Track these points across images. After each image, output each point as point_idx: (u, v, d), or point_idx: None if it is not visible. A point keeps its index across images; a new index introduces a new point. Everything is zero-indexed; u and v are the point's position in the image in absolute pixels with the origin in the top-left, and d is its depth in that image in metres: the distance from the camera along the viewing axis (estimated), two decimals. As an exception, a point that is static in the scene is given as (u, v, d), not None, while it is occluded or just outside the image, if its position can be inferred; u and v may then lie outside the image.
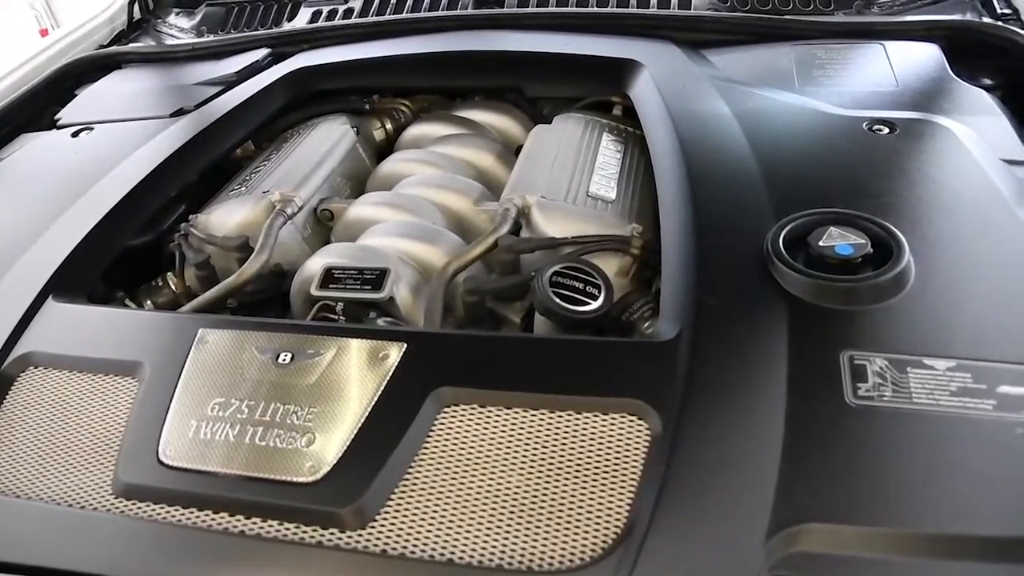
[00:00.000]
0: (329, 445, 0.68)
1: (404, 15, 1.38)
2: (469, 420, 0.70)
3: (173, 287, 1.01)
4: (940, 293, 0.75)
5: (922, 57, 1.13)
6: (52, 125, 1.29)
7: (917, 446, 0.63)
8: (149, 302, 1.01)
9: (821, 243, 0.78)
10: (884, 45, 1.17)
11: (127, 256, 1.04)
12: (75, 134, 1.23)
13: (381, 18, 1.37)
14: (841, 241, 0.79)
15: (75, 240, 0.96)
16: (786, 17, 1.22)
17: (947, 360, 0.68)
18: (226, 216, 1.03)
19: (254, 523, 0.66)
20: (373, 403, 0.71)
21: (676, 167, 0.93)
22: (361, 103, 1.29)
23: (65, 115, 1.30)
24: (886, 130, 0.97)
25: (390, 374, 0.73)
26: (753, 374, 0.70)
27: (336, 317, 0.90)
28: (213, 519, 0.66)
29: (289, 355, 0.76)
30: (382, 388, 0.72)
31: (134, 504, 0.69)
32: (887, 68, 1.11)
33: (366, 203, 1.04)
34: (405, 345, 0.75)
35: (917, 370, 0.68)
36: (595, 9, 1.31)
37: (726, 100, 1.04)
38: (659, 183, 0.93)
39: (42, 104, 1.35)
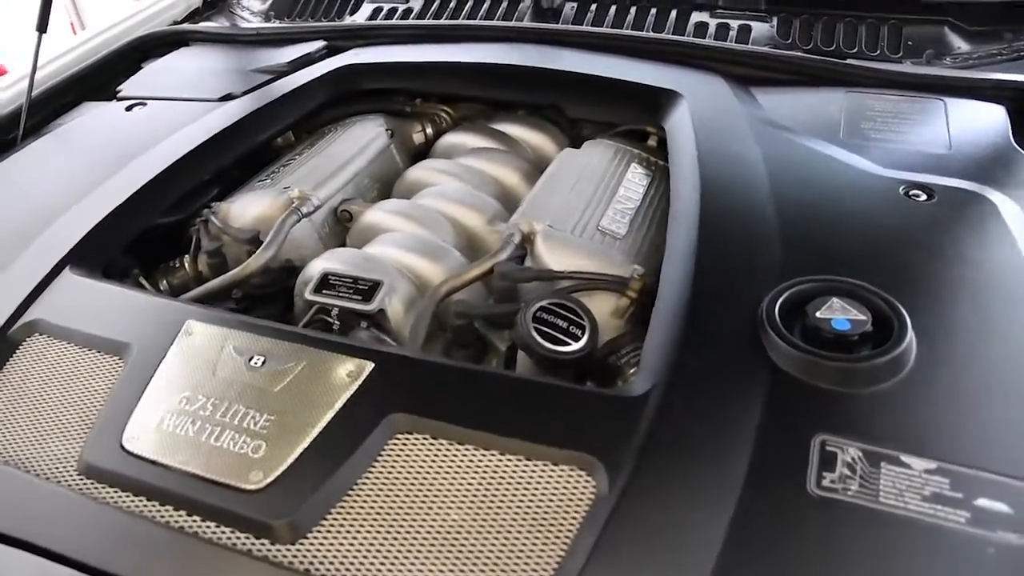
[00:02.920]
0: (277, 456, 0.69)
1: (460, 21, 1.37)
2: (418, 451, 0.70)
3: (187, 270, 1.04)
4: (938, 385, 0.71)
5: (983, 119, 1.06)
6: (113, 96, 1.34)
7: (875, 549, 0.60)
8: (165, 282, 1.05)
9: (819, 314, 0.75)
10: (945, 101, 1.10)
11: (154, 234, 1.08)
12: (129, 108, 1.28)
13: (437, 22, 1.38)
14: (841, 315, 0.75)
15: (101, 214, 1.00)
16: (844, 62, 1.16)
17: (927, 460, 0.64)
18: (244, 207, 1.06)
19: (194, 522, 0.67)
20: (328, 420, 0.71)
21: (691, 211, 0.90)
22: (403, 105, 1.30)
23: (126, 88, 1.36)
24: (924, 196, 0.92)
25: (351, 393, 0.73)
26: (716, 446, 0.68)
27: (332, 322, 0.92)
28: (158, 511, 0.68)
29: (262, 359, 0.77)
30: (341, 406, 0.72)
31: (92, 484, 0.71)
32: (943, 127, 1.05)
33: (381, 210, 1.05)
34: (373, 365, 0.75)
35: (891, 467, 0.64)
36: (648, 34, 1.27)
37: (761, 144, 1.00)
38: (670, 226, 0.90)
39: (109, 75, 1.41)
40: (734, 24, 1.27)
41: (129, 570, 0.64)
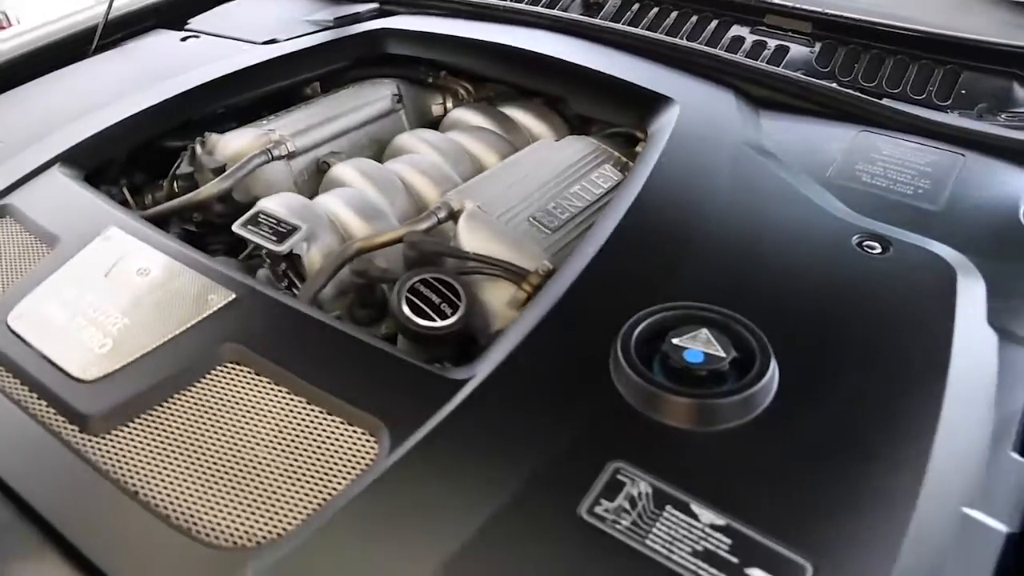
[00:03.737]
0: (115, 357, 0.74)
1: (507, 3, 1.37)
2: (237, 381, 0.72)
3: (164, 190, 1.12)
4: (778, 440, 0.65)
5: (998, 182, 0.94)
6: (182, 27, 1.46)
7: None
8: (150, 197, 1.13)
9: (676, 341, 0.70)
10: (965, 157, 0.98)
11: (159, 154, 1.17)
12: (184, 39, 1.38)
13: (486, 0, 1.38)
14: (701, 347, 0.70)
15: (105, 124, 1.10)
16: (865, 97, 1.07)
17: (720, 516, 0.59)
18: (228, 142, 1.12)
19: (32, 397, 0.73)
20: (172, 336, 0.75)
21: (614, 218, 0.86)
22: (426, 76, 1.32)
23: (193, 22, 1.47)
24: (878, 249, 0.83)
25: (203, 316, 0.77)
26: (507, 444, 0.66)
27: (264, 260, 0.96)
28: (9, 381, 0.75)
29: (148, 272, 0.82)
30: (189, 325, 0.76)
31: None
32: (945, 183, 0.94)
33: (349, 165, 1.08)
34: (234, 296, 0.78)
35: (676, 512, 0.60)
36: (677, 40, 1.22)
37: (730, 165, 0.94)
38: (591, 230, 0.87)
39: (186, 9, 1.52)
40: (771, 43, 1.19)
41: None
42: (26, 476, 0.67)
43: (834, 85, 1.11)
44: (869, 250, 0.83)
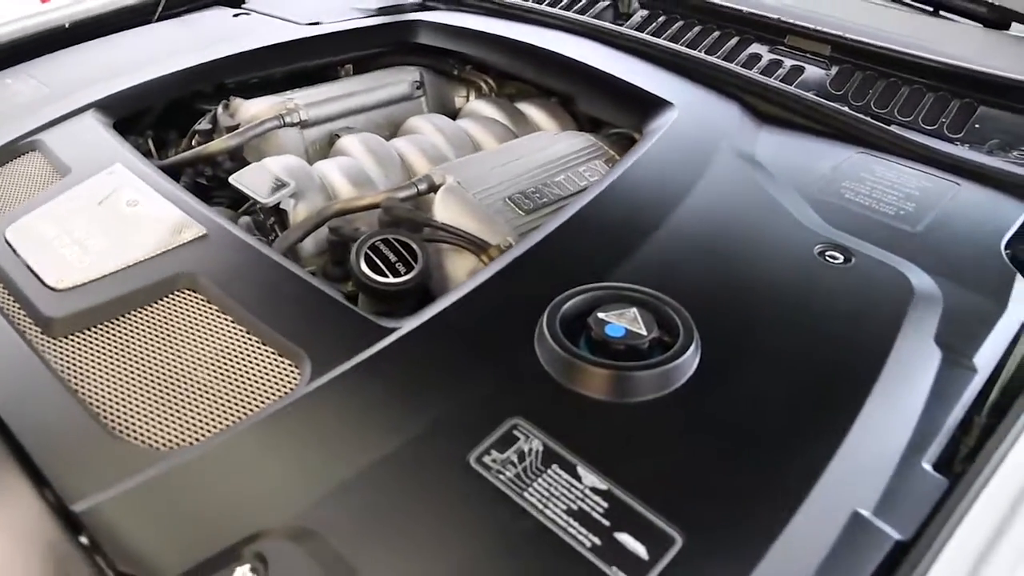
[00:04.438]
0: (87, 271, 0.80)
1: (539, 7, 1.41)
2: (188, 304, 0.78)
3: (183, 144, 1.19)
4: (680, 420, 0.65)
5: (985, 212, 0.92)
6: (240, 4, 1.55)
7: (469, 530, 0.57)
8: (173, 152, 1.21)
9: (601, 315, 0.71)
10: (960, 186, 0.96)
11: (189, 113, 1.25)
12: (236, 15, 1.47)
13: (524, 3, 1.43)
14: (625, 323, 0.71)
15: (141, 80, 1.18)
16: (868, 120, 1.06)
17: (603, 481, 0.60)
18: (249, 107, 1.19)
19: (11, 300, 0.79)
20: (140, 259, 0.81)
21: (580, 203, 0.88)
22: (452, 68, 1.37)
23: (251, 1, 1.56)
24: (840, 259, 0.82)
25: (173, 246, 0.82)
26: (418, 388, 0.68)
27: (259, 214, 1.02)
28: (2, 290, 0.81)
29: (137, 203, 0.88)
30: (158, 253, 0.81)
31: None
32: (930, 207, 0.92)
33: (354, 138, 1.13)
34: (205, 231, 0.84)
35: (560, 472, 0.61)
36: (690, 51, 1.23)
37: (710, 168, 0.95)
38: (558, 212, 0.89)
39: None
40: (787, 63, 1.19)
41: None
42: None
43: (842, 107, 1.10)
44: (831, 260, 0.82)
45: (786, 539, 0.57)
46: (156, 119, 1.22)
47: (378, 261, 0.84)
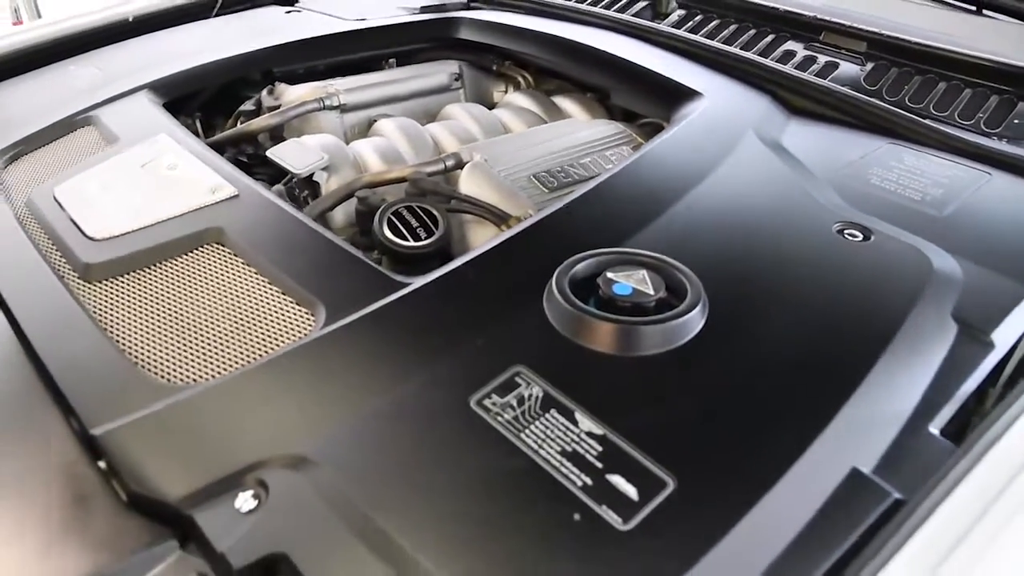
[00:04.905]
0: (124, 223, 0.84)
1: (579, 5, 1.44)
2: (215, 257, 0.81)
3: (228, 124, 1.24)
4: (682, 375, 0.66)
5: (1010, 199, 0.90)
6: (293, 2, 1.62)
7: (468, 466, 0.58)
8: (220, 132, 1.26)
9: (610, 274, 0.72)
10: (991, 176, 0.95)
11: (236, 99, 1.31)
12: (288, 12, 1.53)
13: (564, 2, 1.46)
14: (633, 284, 0.72)
15: (192, 65, 1.24)
16: (901, 112, 1.05)
17: (600, 426, 0.61)
18: (292, 90, 1.24)
19: (55, 250, 0.84)
20: (172, 216, 0.85)
21: (601, 178, 0.90)
22: (490, 63, 1.40)
23: (304, 0, 1.63)
24: (859, 237, 0.82)
25: (205, 204, 0.86)
26: (430, 337, 0.70)
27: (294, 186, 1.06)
28: (41, 236, 0.86)
29: (177, 167, 0.93)
30: (190, 210, 0.85)
31: (28, 214, 0.91)
32: (958, 194, 0.91)
33: (390, 121, 1.16)
34: (237, 193, 0.87)
35: (558, 416, 0.62)
36: (724, 46, 1.24)
37: (734, 151, 0.96)
38: (579, 187, 0.91)
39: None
40: (821, 59, 1.19)
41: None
42: (29, 307, 0.77)
43: (867, 97, 1.09)
44: (850, 237, 0.82)
45: (780, 490, 0.57)
46: (204, 103, 1.27)
47: (400, 226, 0.87)
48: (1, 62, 1.31)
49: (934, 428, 0.63)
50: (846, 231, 0.83)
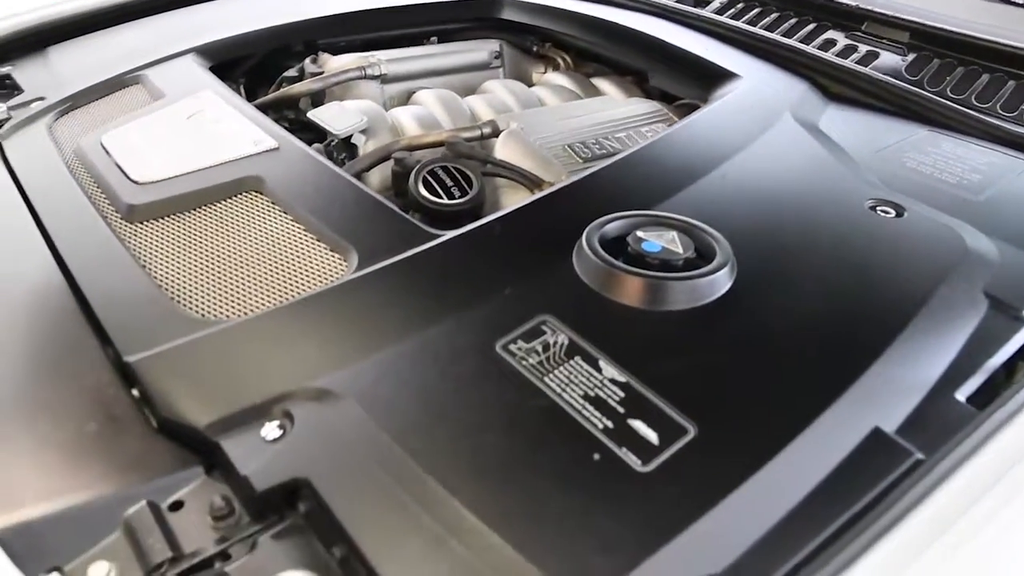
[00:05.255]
0: (166, 170, 0.87)
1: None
2: (253, 204, 0.83)
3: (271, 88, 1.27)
4: (707, 330, 0.66)
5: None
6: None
7: (492, 408, 0.59)
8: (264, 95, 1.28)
9: (641, 233, 0.73)
10: (1032, 164, 0.94)
11: (279, 68, 1.33)
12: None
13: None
14: (663, 243, 0.72)
15: (240, 31, 1.27)
16: (950, 104, 1.04)
17: (624, 374, 0.61)
18: (335, 60, 1.26)
19: (101, 194, 0.87)
20: (213, 164, 0.87)
21: (634, 148, 0.91)
22: (531, 44, 1.41)
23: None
24: (892, 213, 0.82)
25: (247, 154, 0.88)
26: (459, 285, 0.71)
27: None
28: (88, 180, 0.89)
29: (221, 120, 0.95)
30: (231, 159, 0.88)
31: (76, 160, 0.94)
32: (996, 180, 0.90)
33: (429, 92, 1.18)
34: (277, 146, 0.89)
35: (582, 363, 0.62)
36: (764, 32, 1.24)
37: (768, 129, 0.96)
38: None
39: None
40: (862, 48, 1.18)
41: (40, 198, 0.86)
42: (73, 244, 0.79)
43: (908, 85, 1.09)
44: (882, 213, 0.82)
45: (800, 444, 0.57)
46: (248, 70, 1.30)
47: (435, 184, 0.88)
48: (58, 27, 1.35)
49: (960, 395, 0.62)
50: (879, 207, 0.82)
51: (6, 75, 1.21)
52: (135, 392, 0.64)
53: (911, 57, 1.17)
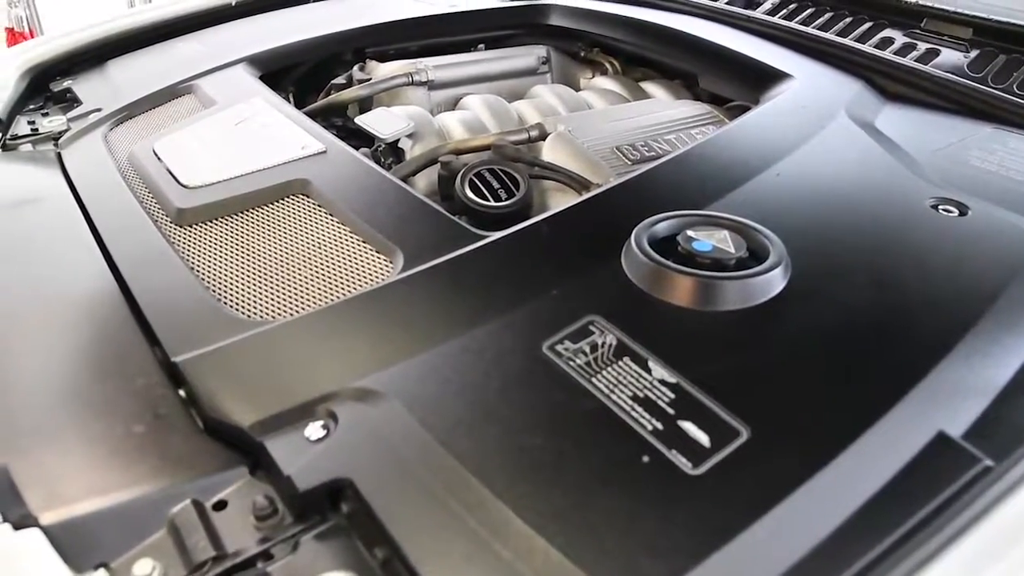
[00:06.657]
0: (214, 175, 0.88)
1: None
2: (300, 207, 0.84)
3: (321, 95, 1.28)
4: (760, 331, 0.64)
5: None
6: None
7: (538, 409, 0.58)
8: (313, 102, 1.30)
9: (691, 233, 0.71)
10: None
11: (331, 77, 1.35)
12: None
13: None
14: (713, 242, 0.70)
15: (288, 41, 1.29)
16: (1014, 99, 0.99)
17: (674, 375, 0.59)
18: (382, 66, 1.27)
19: (151, 195, 0.88)
20: (261, 168, 0.88)
21: (685, 148, 0.89)
22: (578, 49, 1.41)
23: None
24: (955, 213, 0.78)
25: (295, 157, 0.89)
26: (504, 285, 0.70)
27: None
28: (140, 184, 0.91)
29: (270, 125, 0.96)
30: (279, 163, 0.88)
31: (129, 165, 0.96)
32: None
33: (476, 97, 1.18)
34: (323, 148, 0.90)
35: (631, 364, 0.61)
36: (818, 32, 1.21)
37: (823, 129, 0.93)
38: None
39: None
40: (921, 46, 1.14)
41: (94, 203, 0.87)
42: (124, 246, 0.81)
43: (972, 83, 1.05)
44: (945, 212, 0.78)
45: (859, 448, 0.54)
46: (298, 79, 1.32)
47: (482, 187, 0.87)
48: (116, 41, 1.39)
49: None
50: (940, 207, 0.79)
51: (67, 89, 1.24)
52: (182, 392, 0.64)
53: (974, 54, 1.12)
